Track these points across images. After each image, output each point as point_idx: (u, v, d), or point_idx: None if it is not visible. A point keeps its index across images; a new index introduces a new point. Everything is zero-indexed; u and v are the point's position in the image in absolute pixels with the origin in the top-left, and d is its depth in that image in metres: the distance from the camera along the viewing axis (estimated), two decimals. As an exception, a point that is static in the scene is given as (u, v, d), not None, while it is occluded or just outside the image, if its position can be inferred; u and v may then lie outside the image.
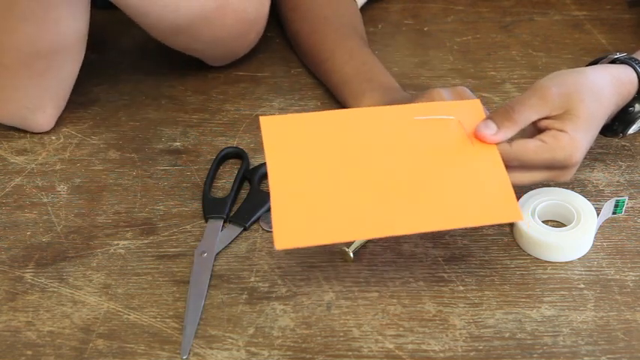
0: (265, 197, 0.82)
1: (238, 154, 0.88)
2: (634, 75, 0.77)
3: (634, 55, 0.79)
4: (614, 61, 0.79)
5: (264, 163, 0.86)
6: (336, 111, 0.77)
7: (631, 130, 0.79)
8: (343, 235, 0.68)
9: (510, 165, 0.71)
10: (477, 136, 0.72)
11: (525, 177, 0.73)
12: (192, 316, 0.71)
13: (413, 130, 0.74)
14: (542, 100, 0.72)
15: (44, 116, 0.91)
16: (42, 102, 0.90)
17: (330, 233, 0.67)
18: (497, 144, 0.71)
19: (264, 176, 0.86)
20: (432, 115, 0.74)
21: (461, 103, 0.75)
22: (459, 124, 0.73)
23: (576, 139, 0.71)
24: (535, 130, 0.73)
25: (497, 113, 0.73)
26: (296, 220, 0.67)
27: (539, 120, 0.72)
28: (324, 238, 0.67)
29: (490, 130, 0.72)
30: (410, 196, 0.70)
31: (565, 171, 0.73)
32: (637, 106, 0.78)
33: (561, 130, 0.71)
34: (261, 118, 0.73)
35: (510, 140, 0.72)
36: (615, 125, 0.79)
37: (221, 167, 0.87)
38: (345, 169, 0.71)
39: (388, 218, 0.68)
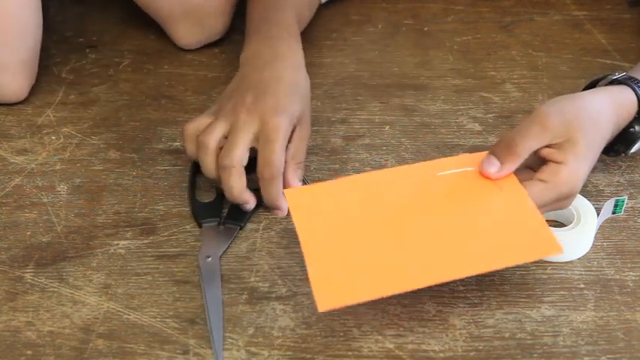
0: (254, 194, 0.82)
1: None
2: (633, 96, 0.77)
3: (632, 75, 0.78)
4: (612, 82, 0.79)
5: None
6: (358, 175, 0.78)
7: (633, 150, 0.79)
8: (383, 290, 0.67)
9: None
10: (482, 174, 0.73)
11: None
12: (215, 324, 0.71)
13: (437, 184, 0.74)
14: (543, 129, 0.71)
15: (14, 84, 0.95)
16: (9, 70, 0.94)
17: (370, 290, 0.67)
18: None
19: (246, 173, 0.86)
20: (454, 169, 0.75)
21: (481, 155, 0.75)
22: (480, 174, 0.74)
23: (576, 169, 0.71)
24: (535, 157, 0.73)
25: (499, 147, 0.72)
26: (334, 281, 0.67)
27: (540, 148, 0.72)
28: (365, 295, 0.67)
29: (494, 168, 0.72)
30: (444, 244, 0.70)
31: (567, 200, 0.73)
32: (637, 127, 0.77)
33: (560, 162, 0.71)
34: (286, 191, 0.76)
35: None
36: (617, 146, 0.79)
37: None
38: (376, 228, 0.71)
39: (427, 268, 0.68)
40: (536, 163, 0.73)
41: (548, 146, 0.72)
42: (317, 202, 0.74)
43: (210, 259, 0.76)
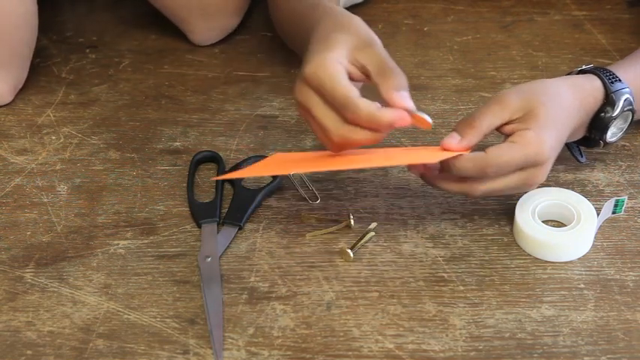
0: (252, 194, 0.82)
1: (213, 158, 0.88)
2: (598, 81, 0.79)
3: (605, 67, 0.80)
4: (581, 72, 0.81)
5: (242, 161, 0.86)
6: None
7: (610, 136, 0.80)
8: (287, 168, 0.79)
9: (488, 172, 0.72)
10: (444, 148, 0.74)
11: (502, 182, 0.73)
12: (215, 323, 0.71)
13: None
14: (501, 105, 0.74)
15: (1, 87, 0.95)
16: None
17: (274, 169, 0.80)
18: (469, 152, 0.73)
19: None
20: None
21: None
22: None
23: (541, 135, 0.73)
24: (503, 138, 0.75)
25: (459, 123, 0.75)
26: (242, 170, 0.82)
27: (504, 126, 0.74)
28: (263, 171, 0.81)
29: (454, 140, 0.73)
30: (367, 156, 0.77)
31: (538, 169, 0.73)
32: (609, 109, 0.78)
33: (526, 129, 0.73)
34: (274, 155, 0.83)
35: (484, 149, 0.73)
36: (592, 133, 0.80)
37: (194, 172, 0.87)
38: (326, 158, 0.77)
39: (339, 161, 0.76)
40: None
41: (510, 123, 0.74)
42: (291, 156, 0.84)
43: (209, 259, 0.76)
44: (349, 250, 0.76)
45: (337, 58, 0.73)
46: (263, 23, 1.09)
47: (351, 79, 0.73)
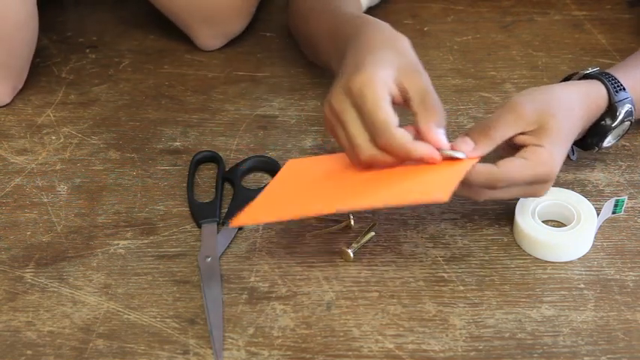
0: (252, 194, 0.82)
1: (213, 158, 0.88)
2: (603, 89, 0.78)
3: (607, 70, 0.80)
4: (586, 76, 0.80)
5: (243, 161, 0.86)
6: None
7: (606, 143, 0.80)
8: (284, 215, 0.75)
9: (498, 186, 0.71)
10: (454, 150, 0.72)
11: (508, 193, 0.73)
12: (215, 324, 0.71)
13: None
14: (517, 116, 0.73)
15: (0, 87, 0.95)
16: None
17: (274, 214, 0.75)
18: (478, 161, 0.71)
19: (245, 173, 0.86)
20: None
21: None
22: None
23: (553, 153, 0.72)
24: (509, 146, 0.74)
25: (474, 130, 0.73)
26: (254, 209, 0.75)
27: (515, 136, 0.73)
28: (268, 218, 0.76)
29: (468, 146, 0.72)
30: (360, 187, 0.72)
31: (544, 185, 0.74)
32: (608, 119, 0.78)
33: (539, 145, 0.72)
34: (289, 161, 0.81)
35: (495, 161, 0.72)
36: (590, 139, 0.80)
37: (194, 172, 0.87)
38: (322, 183, 0.75)
39: (331, 200, 0.72)
40: (509, 154, 0.74)
41: (522, 134, 0.73)
42: (303, 168, 0.79)
43: (209, 259, 0.77)
44: (349, 250, 0.76)
45: (385, 79, 0.71)
46: (263, 23, 1.09)
47: (392, 101, 0.72)
